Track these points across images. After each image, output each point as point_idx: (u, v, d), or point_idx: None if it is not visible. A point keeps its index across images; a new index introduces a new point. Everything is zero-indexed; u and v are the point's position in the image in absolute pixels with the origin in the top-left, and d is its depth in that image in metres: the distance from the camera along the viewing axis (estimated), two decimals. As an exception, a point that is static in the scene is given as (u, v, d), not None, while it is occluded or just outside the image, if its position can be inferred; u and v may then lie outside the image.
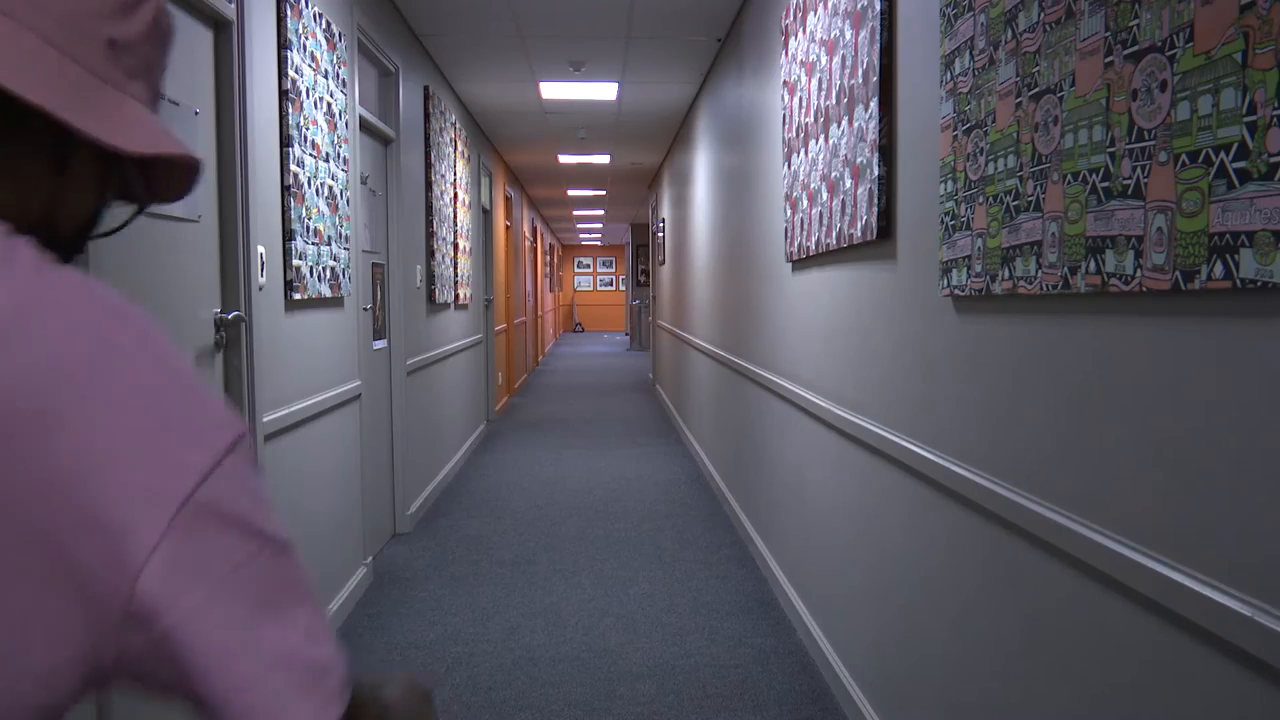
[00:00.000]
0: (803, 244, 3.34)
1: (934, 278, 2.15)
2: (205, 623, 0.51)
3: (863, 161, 2.58)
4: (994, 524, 1.86)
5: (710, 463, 6.32)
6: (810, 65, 3.20)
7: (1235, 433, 1.18)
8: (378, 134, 4.76)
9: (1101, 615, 1.48)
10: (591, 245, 27.39)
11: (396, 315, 4.96)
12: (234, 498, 0.54)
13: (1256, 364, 1.15)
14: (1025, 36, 1.64)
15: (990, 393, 1.87)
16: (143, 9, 0.64)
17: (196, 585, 0.51)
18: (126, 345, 0.53)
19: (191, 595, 0.51)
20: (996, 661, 1.86)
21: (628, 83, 6.78)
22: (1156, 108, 1.27)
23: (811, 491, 3.40)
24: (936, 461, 2.10)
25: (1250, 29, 1.10)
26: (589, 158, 10.39)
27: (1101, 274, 1.41)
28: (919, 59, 2.22)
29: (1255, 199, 1.10)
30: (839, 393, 2.99)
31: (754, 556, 4.52)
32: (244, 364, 2.85)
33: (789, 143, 3.57)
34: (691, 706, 2.96)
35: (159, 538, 0.50)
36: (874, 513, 2.64)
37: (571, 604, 3.89)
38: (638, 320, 18.77)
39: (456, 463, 6.70)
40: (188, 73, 2.60)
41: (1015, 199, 1.68)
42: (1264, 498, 1.14)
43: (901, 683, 2.44)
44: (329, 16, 3.69)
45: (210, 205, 2.74)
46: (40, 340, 0.51)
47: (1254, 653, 1.13)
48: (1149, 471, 1.36)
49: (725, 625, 3.66)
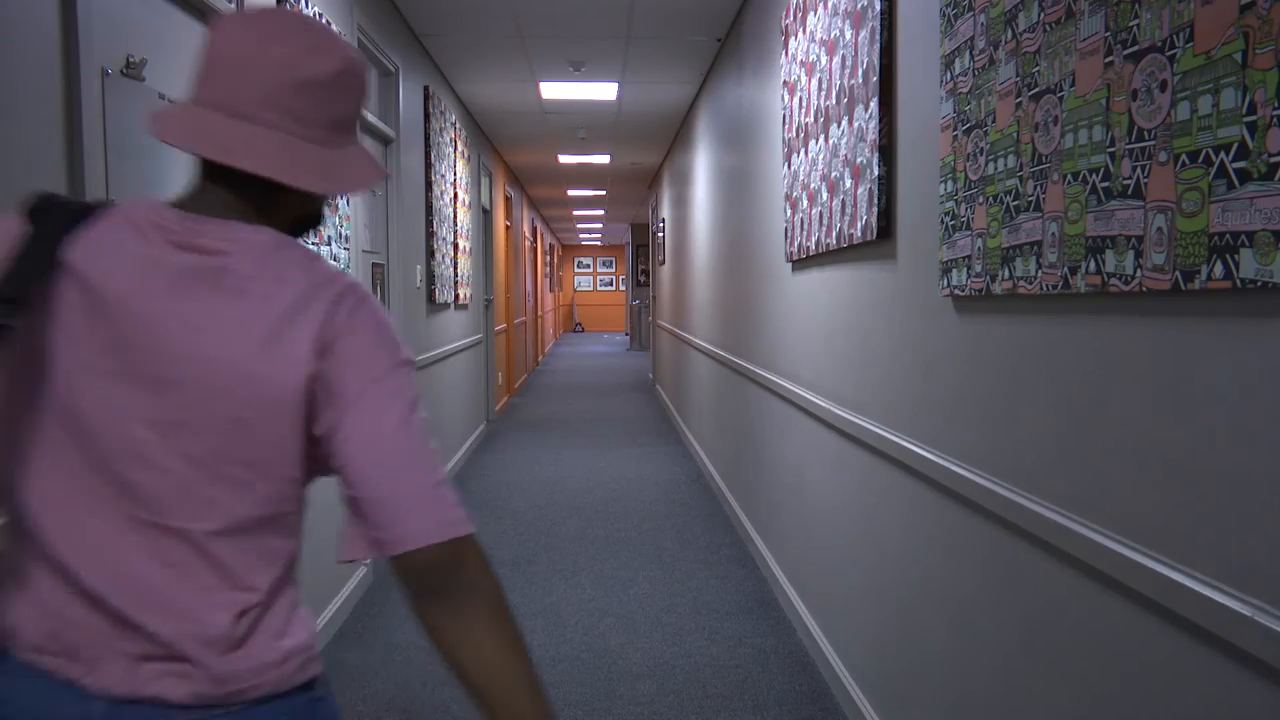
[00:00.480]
0: (803, 244, 3.34)
1: (934, 278, 2.15)
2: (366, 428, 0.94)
3: (863, 161, 2.58)
4: (994, 524, 1.86)
5: (710, 463, 6.32)
6: (810, 65, 3.20)
7: (1235, 432, 1.18)
8: (378, 134, 4.76)
9: (1101, 615, 1.48)
10: (591, 245, 27.40)
11: (396, 315, 4.96)
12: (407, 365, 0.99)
13: (1256, 364, 1.15)
14: (1025, 36, 1.64)
15: (990, 392, 1.87)
16: (355, 86, 1.00)
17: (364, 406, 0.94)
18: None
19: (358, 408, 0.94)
20: (996, 661, 1.86)
21: (628, 83, 6.78)
22: (1156, 108, 1.27)
23: (811, 491, 3.40)
24: (936, 461, 2.10)
25: (1250, 29, 1.10)
26: (589, 158, 10.40)
27: (1101, 274, 1.41)
28: (919, 59, 2.22)
29: (1255, 199, 1.10)
30: (839, 393, 2.99)
31: (754, 556, 4.52)
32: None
33: (789, 143, 3.57)
34: (691, 706, 2.96)
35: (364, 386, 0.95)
36: (874, 513, 2.64)
37: (571, 604, 3.89)
38: (638, 320, 18.77)
39: (457, 462, 6.70)
40: (188, 73, 2.60)
41: (1015, 199, 1.68)
42: (1264, 498, 1.14)
43: (901, 682, 2.44)
44: (329, 16, 3.69)
45: (210, 205, 2.74)
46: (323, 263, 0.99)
47: (1254, 653, 1.13)
48: (1149, 471, 1.36)
49: (725, 625, 3.66)
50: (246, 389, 0.91)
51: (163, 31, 2.47)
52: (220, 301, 0.92)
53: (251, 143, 0.92)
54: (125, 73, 2.24)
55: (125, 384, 0.91)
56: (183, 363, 0.91)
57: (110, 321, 0.91)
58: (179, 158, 2.51)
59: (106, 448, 0.90)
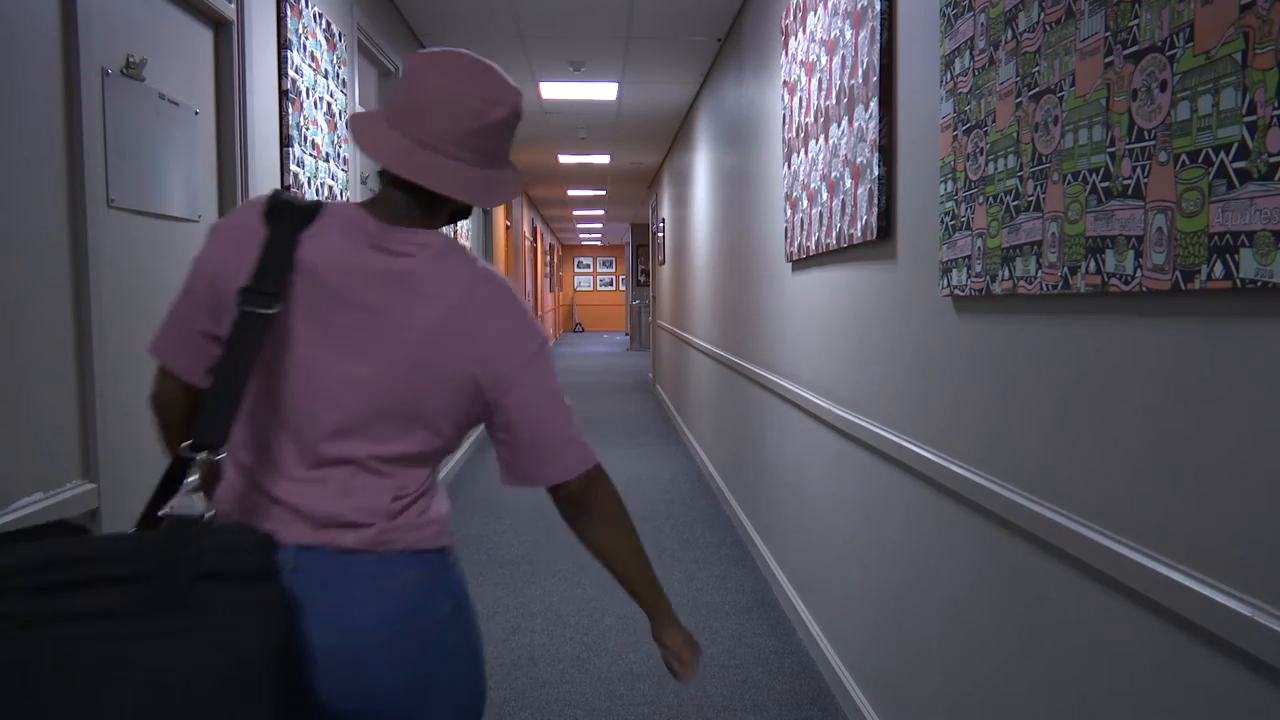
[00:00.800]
0: (803, 244, 3.34)
1: (934, 278, 2.15)
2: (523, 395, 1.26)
3: (863, 161, 2.58)
4: (993, 523, 1.86)
5: (710, 463, 6.32)
6: (810, 65, 3.20)
7: (1235, 432, 1.18)
8: (378, 134, 4.76)
9: (1100, 615, 1.48)
10: (591, 245, 27.39)
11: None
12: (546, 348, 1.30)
13: (1256, 364, 1.15)
14: (1025, 36, 1.64)
15: (990, 392, 1.87)
16: (515, 124, 1.28)
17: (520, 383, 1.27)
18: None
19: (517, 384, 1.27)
20: (995, 660, 1.86)
21: (628, 83, 6.78)
22: (1156, 108, 1.27)
23: (811, 491, 3.40)
24: (936, 461, 2.10)
25: (1250, 29, 1.10)
26: (589, 158, 10.39)
27: (1101, 274, 1.41)
28: (919, 59, 2.22)
29: (1255, 199, 1.10)
30: (839, 392, 2.99)
31: (754, 556, 4.52)
32: (244, 364, 2.85)
33: (789, 143, 3.57)
34: (691, 706, 2.96)
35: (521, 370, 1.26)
36: (874, 512, 2.64)
37: (571, 604, 3.89)
38: (638, 320, 18.76)
39: (457, 462, 6.70)
40: (188, 73, 2.60)
41: (1015, 199, 1.68)
42: (1264, 498, 1.14)
43: (901, 682, 2.44)
44: (329, 16, 3.69)
45: (210, 205, 2.74)
46: (482, 266, 1.28)
47: (1254, 653, 1.13)
48: (1149, 471, 1.36)
49: (725, 625, 3.66)
50: (420, 365, 1.21)
51: (163, 31, 2.47)
52: (407, 296, 1.21)
53: (441, 170, 1.21)
54: (125, 73, 2.24)
55: (338, 354, 1.21)
56: (376, 341, 1.20)
57: (329, 306, 1.20)
58: (178, 159, 2.51)
59: (320, 398, 1.20)
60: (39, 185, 1.81)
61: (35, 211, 1.80)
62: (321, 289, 1.20)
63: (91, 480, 1.95)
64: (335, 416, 1.21)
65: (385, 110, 1.26)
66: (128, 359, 2.26)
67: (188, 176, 2.57)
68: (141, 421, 2.33)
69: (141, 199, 2.30)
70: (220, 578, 1.05)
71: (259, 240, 1.20)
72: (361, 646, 1.17)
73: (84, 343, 1.95)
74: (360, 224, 1.23)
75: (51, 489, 1.83)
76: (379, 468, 1.22)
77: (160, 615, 1.02)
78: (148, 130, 2.33)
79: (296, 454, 1.21)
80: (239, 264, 1.20)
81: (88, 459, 1.96)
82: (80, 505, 1.90)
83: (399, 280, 1.21)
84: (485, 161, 1.25)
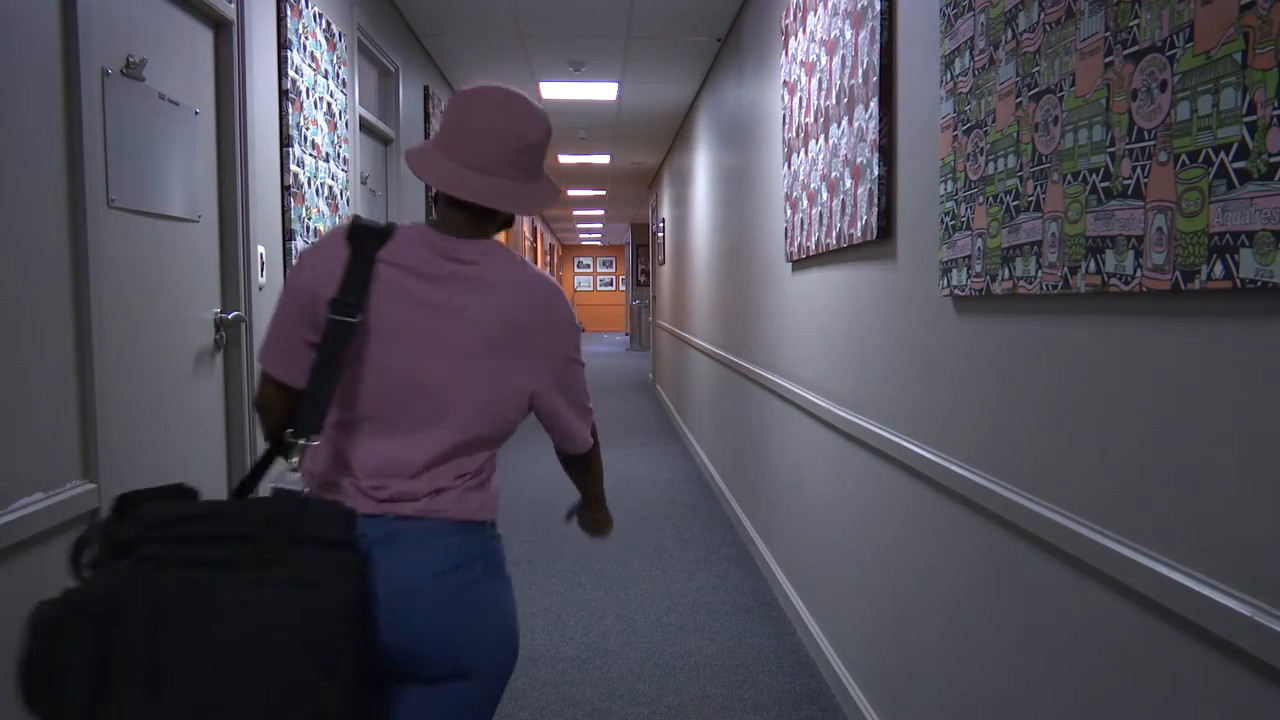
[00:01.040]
0: (803, 244, 3.34)
1: (934, 278, 2.15)
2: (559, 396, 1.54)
3: (863, 161, 2.58)
4: (992, 523, 1.86)
5: (710, 462, 6.32)
6: (810, 65, 3.20)
7: (1235, 433, 1.18)
8: (378, 134, 4.76)
9: (1099, 614, 1.48)
10: (591, 245, 27.38)
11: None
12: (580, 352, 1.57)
13: (1257, 364, 1.15)
14: (1025, 36, 1.64)
15: (990, 392, 1.87)
16: (548, 143, 1.51)
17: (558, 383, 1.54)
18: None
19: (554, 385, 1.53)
20: (994, 660, 1.86)
21: (628, 83, 6.78)
22: (1156, 108, 1.27)
23: (811, 491, 3.40)
24: (936, 461, 2.10)
25: (1250, 29, 1.10)
26: (589, 158, 10.39)
27: (1101, 274, 1.41)
28: (919, 59, 2.22)
29: (1255, 199, 1.10)
30: (839, 392, 2.99)
31: (754, 556, 4.52)
32: (244, 364, 2.85)
33: (789, 143, 3.57)
34: (691, 706, 2.96)
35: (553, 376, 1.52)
36: (873, 512, 2.64)
37: (571, 604, 3.89)
38: (638, 320, 18.76)
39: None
40: (188, 73, 2.60)
41: (1015, 199, 1.68)
42: (1264, 498, 1.14)
43: (900, 681, 2.44)
44: (329, 16, 3.69)
45: (210, 205, 2.74)
46: (535, 271, 1.52)
47: (1254, 653, 1.13)
48: (1148, 471, 1.36)
49: (725, 625, 3.66)
50: (503, 354, 1.45)
51: (163, 31, 2.47)
52: (476, 296, 1.45)
53: (490, 188, 1.46)
54: (125, 73, 2.24)
55: (415, 347, 1.42)
56: (451, 335, 1.43)
57: (408, 309, 1.42)
58: (178, 159, 2.51)
59: (404, 391, 1.42)
60: (39, 185, 1.81)
61: (35, 211, 1.80)
62: (400, 295, 1.42)
63: (91, 480, 1.95)
64: (414, 409, 1.43)
65: (435, 141, 1.48)
66: (128, 359, 2.26)
67: (188, 176, 2.57)
68: (141, 421, 2.33)
69: (141, 199, 2.30)
70: (314, 542, 1.26)
71: (343, 259, 1.43)
72: (410, 595, 1.38)
73: (84, 343, 1.95)
74: (429, 239, 1.46)
75: (51, 489, 1.83)
76: (447, 451, 1.44)
77: (268, 568, 1.24)
78: (148, 130, 2.33)
79: (374, 439, 1.43)
80: (328, 280, 1.42)
81: (88, 459, 1.96)
82: (80, 505, 1.90)
83: (468, 283, 1.45)
84: (525, 177, 1.49)
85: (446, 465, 1.44)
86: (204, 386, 2.71)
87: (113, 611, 1.20)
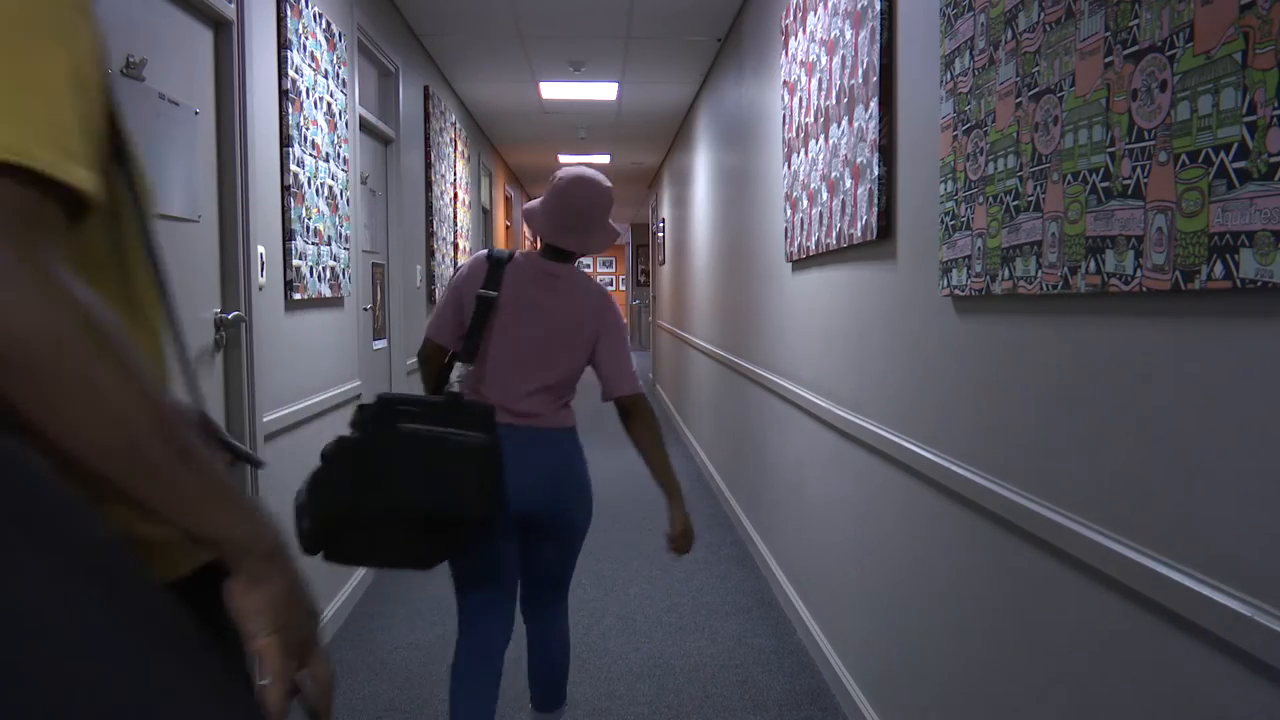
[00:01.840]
0: (803, 244, 3.34)
1: (934, 278, 2.15)
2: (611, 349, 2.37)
3: (863, 161, 2.58)
4: (992, 522, 1.86)
5: (710, 462, 6.32)
6: (810, 65, 3.20)
7: (1235, 432, 1.18)
8: (378, 134, 4.76)
9: (1099, 613, 1.48)
10: (591, 245, 27.34)
11: (396, 315, 4.96)
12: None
13: (1256, 364, 1.15)
14: (1025, 36, 1.64)
15: (989, 392, 1.87)
16: (609, 205, 2.36)
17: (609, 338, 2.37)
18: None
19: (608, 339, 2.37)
20: (993, 659, 1.86)
21: (628, 83, 6.78)
22: (1156, 108, 1.27)
23: (811, 491, 3.40)
24: (935, 460, 2.10)
25: (1250, 29, 1.10)
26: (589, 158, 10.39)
27: (1101, 274, 1.41)
28: (919, 59, 2.22)
29: (1255, 199, 1.10)
30: (839, 392, 2.99)
31: (754, 556, 4.52)
32: (244, 364, 2.85)
33: (789, 143, 3.57)
34: (692, 706, 2.96)
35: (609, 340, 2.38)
36: (873, 512, 2.64)
37: (571, 604, 3.89)
38: (638, 320, 18.76)
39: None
40: (188, 73, 2.60)
41: (1015, 199, 1.68)
42: (1264, 497, 1.14)
43: (899, 681, 2.44)
44: (329, 16, 3.69)
45: (210, 205, 2.74)
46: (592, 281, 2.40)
47: (1254, 653, 1.13)
48: (1148, 471, 1.36)
49: (725, 625, 3.66)
50: (575, 331, 2.27)
51: (163, 31, 2.47)
52: (559, 297, 2.28)
53: (574, 239, 2.28)
54: (125, 73, 2.24)
55: (527, 326, 2.26)
56: (550, 320, 2.27)
57: (519, 303, 2.26)
58: (178, 159, 2.51)
59: (520, 349, 2.25)
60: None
61: (35, 211, 1.79)
62: (516, 294, 2.27)
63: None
64: (526, 359, 2.25)
65: (542, 205, 2.31)
66: (128, 359, 2.26)
67: (188, 176, 2.57)
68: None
69: (141, 199, 2.30)
70: (472, 424, 2.01)
71: (484, 271, 2.28)
72: (533, 475, 2.23)
73: (84, 343, 1.94)
74: (536, 262, 2.30)
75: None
76: (548, 385, 2.26)
77: (454, 431, 1.98)
78: (148, 130, 2.33)
79: (504, 377, 2.25)
80: (474, 282, 2.28)
81: (88, 459, 1.95)
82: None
83: (555, 289, 2.29)
84: (596, 227, 2.30)
85: (547, 393, 2.26)
86: (204, 386, 2.71)
87: (367, 442, 1.92)
